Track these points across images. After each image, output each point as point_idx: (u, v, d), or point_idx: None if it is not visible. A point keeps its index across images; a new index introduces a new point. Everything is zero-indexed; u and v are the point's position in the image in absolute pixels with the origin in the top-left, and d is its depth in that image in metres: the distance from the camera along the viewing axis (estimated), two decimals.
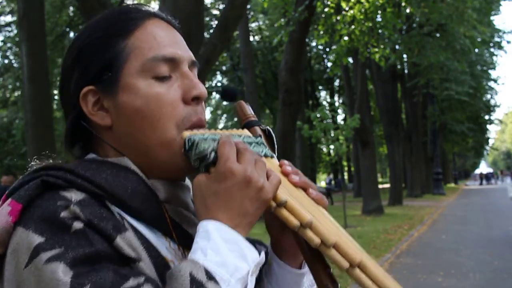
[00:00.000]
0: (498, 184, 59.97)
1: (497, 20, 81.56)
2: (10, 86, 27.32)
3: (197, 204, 0.79)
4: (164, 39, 0.86)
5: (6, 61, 27.13)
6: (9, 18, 26.41)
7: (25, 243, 0.71)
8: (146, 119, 0.82)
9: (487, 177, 64.08)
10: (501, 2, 26.57)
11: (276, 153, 0.92)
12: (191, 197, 0.91)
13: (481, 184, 60.05)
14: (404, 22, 16.35)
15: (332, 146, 18.50)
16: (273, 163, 0.86)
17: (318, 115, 15.03)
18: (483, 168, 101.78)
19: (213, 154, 0.78)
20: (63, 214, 0.72)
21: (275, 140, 0.93)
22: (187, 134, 0.81)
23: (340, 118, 36.65)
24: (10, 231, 0.73)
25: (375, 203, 18.66)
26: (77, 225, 0.72)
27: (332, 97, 41.09)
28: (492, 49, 30.92)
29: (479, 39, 20.65)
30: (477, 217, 17.43)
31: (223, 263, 0.72)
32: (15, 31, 24.18)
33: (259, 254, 0.77)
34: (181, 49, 0.87)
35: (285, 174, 0.85)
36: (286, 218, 0.78)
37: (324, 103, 42.13)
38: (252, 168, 0.76)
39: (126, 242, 0.74)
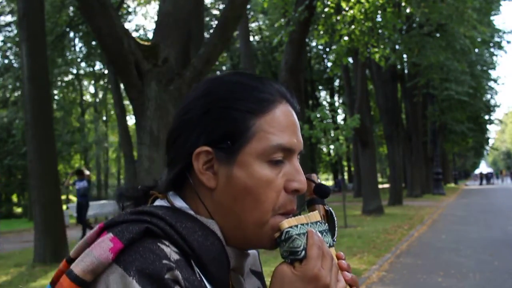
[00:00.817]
0: (498, 184, 60.00)
1: (497, 20, 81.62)
2: (10, 86, 27.33)
3: None
4: (288, 128, 0.91)
5: (6, 61, 27.15)
6: (9, 18, 26.44)
7: (124, 286, 0.75)
8: (251, 198, 0.87)
9: (487, 177, 64.10)
10: (501, 2, 26.56)
11: (336, 235, 0.99)
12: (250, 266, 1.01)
13: (481, 184, 60.07)
14: (404, 22, 16.35)
15: (332, 146, 18.49)
16: (333, 254, 0.94)
17: (318, 115, 15.03)
18: (483, 168, 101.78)
19: (303, 253, 0.86)
20: (167, 276, 0.76)
21: (336, 222, 1.00)
22: (286, 225, 0.87)
23: (340, 118, 36.68)
24: (106, 267, 0.77)
25: (375, 203, 18.67)
26: None
27: (332, 97, 41.13)
28: (492, 49, 30.94)
29: (479, 39, 20.66)
30: (477, 217, 17.44)
31: None
32: (15, 31, 24.20)
33: None
34: (298, 138, 0.93)
35: (341, 269, 0.93)
36: None
37: (324, 103, 42.15)
38: (331, 276, 0.86)
39: None
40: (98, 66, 32.22)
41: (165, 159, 0.97)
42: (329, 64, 30.65)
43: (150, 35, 29.49)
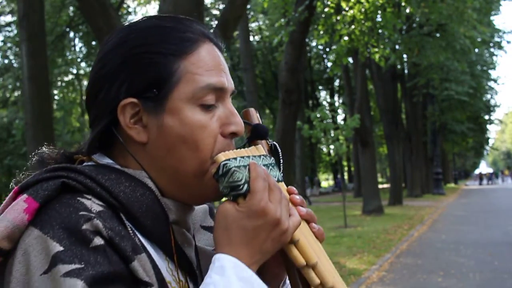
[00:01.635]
0: (498, 184, 59.98)
1: (497, 20, 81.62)
2: (10, 86, 27.31)
3: (219, 233, 0.78)
4: (215, 67, 0.84)
5: (6, 61, 27.13)
6: (9, 18, 26.42)
7: (42, 248, 0.69)
8: (186, 146, 0.81)
9: (487, 177, 64.11)
10: (501, 2, 26.56)
11: (281, 169, 0.91)
12: (192, 218, 0.92)
13: (480, 184, 60.11)
14: (404, 22, 16.34)
15: (332, 146, 18.50)
16: (282, 189, 0.86)
17: (318, 115, 15.04)
18: (483, 168, 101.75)
19: (246, 187, 0.77)
20: (85, 226, 0.71)
21: (281, 156, 0.92)
22: (222, 158, 0.79)
23: (340, 118, 36.67)
24: (23, 230, 0.72)
25: (375, 203, 18.66)
26: (98, 241, 0.71)
27: (332, 97, 41.12)
28: (492, 49, 30.92)
29: (479, 39, 20.64)
30: (477, 217, 17.43)
31: None
32: (15, 31, 24.18)
33: None
34: (227, 78, 0.86)
35: (294, 204, 0.85)
36: (294, 256, 0.80)
37: (324, 103, 42.15)
38: (280, 209, 0.77)
39: (141, 265, 0.74)
40: None
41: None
42: (329, 64, 30.61)
43: None
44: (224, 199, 0.81)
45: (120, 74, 0.82)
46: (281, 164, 0.91)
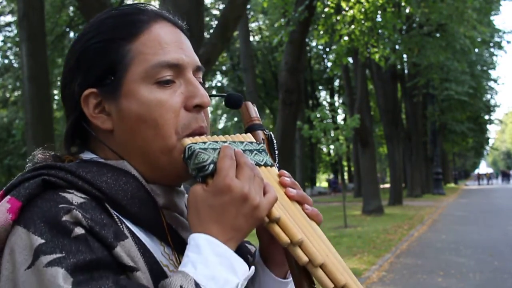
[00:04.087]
0: (498, 184, 59.98)
1: (497, 20, 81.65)
2: (10, 86, 27.30)
3: (191, 214, 0.79)
4: (169, 44, 0.85)
5: (6, 61, 27.11)
6: (9, 18, 26.41)
7: (26, 244, 0.71)
8: (147, 125, 0.82)
9: (488, 177, 64.09)
10: (501, 2, 26.55)
11: (277, 160, 0.93)
12: (185, 203, 0.92)
13: (479, 184, 60.16)
14: (404, 22, 16.34)
15: (332, 146, 18.50)
16: (272, 173, 0.87)
17: (318, 115, 15.03)
18: (483, 168, 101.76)
19: (211, 166, 0.78)
20: (65, 218, 0.72)
21: (275, 146, 0.94)
22: (187, 142, 0.81)
23: (340, 118, 36.65)
24: (8, 229, 0.74)
25: (375, 203, 18.66)
26: (78, 230, 0.72)
27: (332, 97, 41.09)
28: (492, 49, 30.92)
29: (479, 39, 20.64)
30: (477, 217, 17.43)
31: (213, 276, 0.74)
32: (15, 31, 24.18)
33: (249, 267, 0.79)
34: (186, 53, 0.87)
35: (283, 186, 0.86)
36: (277, 234, 0.80)
37: (324, 103, 42.13)
38: (249, 185, 0.77)
39: (125, 251, 0.75)
40: None
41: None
42: (329, 64, 30.64)
43: None
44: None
45: (78, 68, 0.85)
46: (276, 154, 0.93)
